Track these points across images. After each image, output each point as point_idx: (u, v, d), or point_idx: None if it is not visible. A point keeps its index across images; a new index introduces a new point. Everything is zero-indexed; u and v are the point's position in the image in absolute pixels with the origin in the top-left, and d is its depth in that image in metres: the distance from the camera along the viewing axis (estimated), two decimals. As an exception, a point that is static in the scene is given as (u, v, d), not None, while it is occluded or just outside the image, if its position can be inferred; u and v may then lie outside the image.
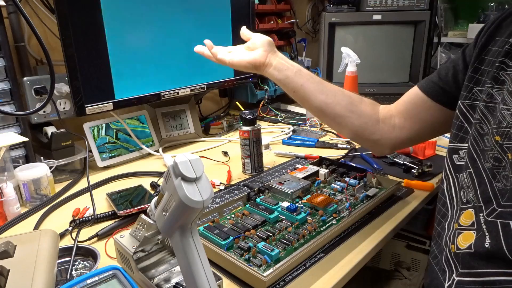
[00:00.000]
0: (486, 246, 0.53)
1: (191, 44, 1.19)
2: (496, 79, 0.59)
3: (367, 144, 0.81)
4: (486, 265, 0.53)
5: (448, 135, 0.68)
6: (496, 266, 0.52)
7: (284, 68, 0.76)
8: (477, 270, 0.54)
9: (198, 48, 0.82)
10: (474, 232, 0.56)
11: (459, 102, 0.65)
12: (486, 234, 0.54)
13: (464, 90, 0.64)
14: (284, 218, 0.73)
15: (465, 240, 0.56)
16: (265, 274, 0.56)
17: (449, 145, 0.66)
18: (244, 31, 0.81)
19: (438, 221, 0.66)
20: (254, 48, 0.77)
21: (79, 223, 0.77)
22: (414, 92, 0.75)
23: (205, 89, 1.26)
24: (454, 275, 0.57)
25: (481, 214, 0.55)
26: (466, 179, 0.60)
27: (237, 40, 1.29)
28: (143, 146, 1.15)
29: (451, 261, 0.58)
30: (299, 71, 0.76)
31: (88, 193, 0.88)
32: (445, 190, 0.65)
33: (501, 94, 0.58)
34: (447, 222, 0.63)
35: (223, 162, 1.09)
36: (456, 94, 0.66)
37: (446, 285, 0.57)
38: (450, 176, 0.64)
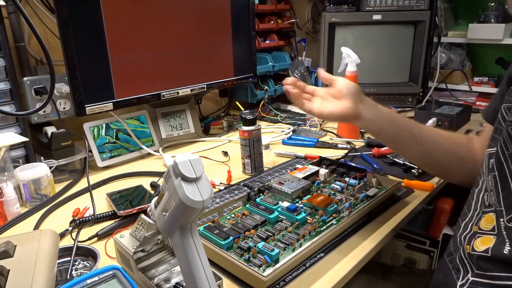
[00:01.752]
0: (505, 252, 0.52)
1: (191, 44, 1.21)
2: None
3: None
4: (504, 270, 0.52)
5: None
6: None
7: (376, 120, 0.72)
8: (493, 273, 0.53)
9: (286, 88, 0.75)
10: (494, 237, 0.54)
11: (501, 106, 0.63)
12: (506, 240, 0.52)
13: (507, 94, 0.63)
14: (284, 218, 0.73)
15: (483, 244, 0.55)
16: (265, 274, 0.56)
17: (487, 150, 0.63)
18: (324, 75, 0.75)
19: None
20: (341, 97, 0.71)
21: (79, 223, 0.77)
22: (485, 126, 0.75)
23: (205, 89, 1.26)
24: (470, 275, 0.56)
25: (501, 219, 0.54)
26: (490, 182, 0.59)
27: (237, 40, 1.31)
28: (143, 146, 1.15)
29: (465, 261, 0.58)
30: (392, 120, 0.72)
31: (88, 193, 0.89)
32: (475, 193, 0.64)
33: None
34: (464, 222, 0.62)
35: (223, 162, 1.09)
36: None
37: (459, 283, 0.57)
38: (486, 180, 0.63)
